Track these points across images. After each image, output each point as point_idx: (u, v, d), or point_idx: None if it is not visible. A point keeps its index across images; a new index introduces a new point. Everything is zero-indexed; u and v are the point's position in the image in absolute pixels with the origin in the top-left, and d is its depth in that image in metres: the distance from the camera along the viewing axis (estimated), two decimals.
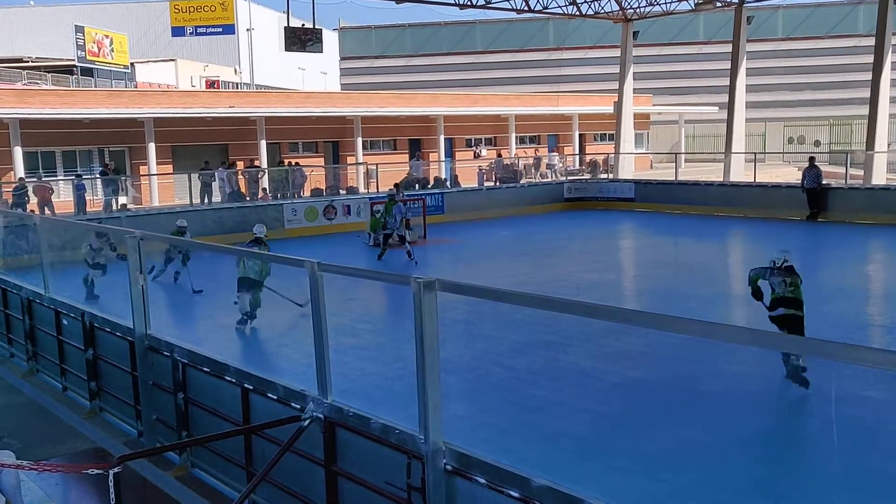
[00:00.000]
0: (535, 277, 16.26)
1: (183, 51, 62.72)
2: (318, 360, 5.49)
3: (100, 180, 27.55)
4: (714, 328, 3.72)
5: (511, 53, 74.04)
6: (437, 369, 4.52)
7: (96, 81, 48.24)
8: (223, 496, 6.64)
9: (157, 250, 15.87)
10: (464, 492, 4.56)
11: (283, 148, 38.60)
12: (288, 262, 5.92)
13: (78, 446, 7.99)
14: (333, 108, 39.94)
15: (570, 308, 4.19)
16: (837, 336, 10.83)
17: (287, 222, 23.80)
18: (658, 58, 67.66)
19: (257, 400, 6.28)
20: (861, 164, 31.84)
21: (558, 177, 35.10)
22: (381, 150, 42.11)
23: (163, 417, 7.59)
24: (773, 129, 58.24)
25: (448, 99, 46.30)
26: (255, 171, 30.99)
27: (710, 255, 19.82)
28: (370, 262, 18.46)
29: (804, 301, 9.20)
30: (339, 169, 36.50)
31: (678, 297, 14.24)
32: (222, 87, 56.77)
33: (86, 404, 9.04)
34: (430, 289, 4.47)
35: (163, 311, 11.21)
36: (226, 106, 36.04)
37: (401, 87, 57.86)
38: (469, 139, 46.88)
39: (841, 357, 3.15)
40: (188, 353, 7.13)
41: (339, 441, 5.46)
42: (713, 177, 33.96)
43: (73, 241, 16.52)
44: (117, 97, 34.42)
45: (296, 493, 5.88)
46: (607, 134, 49.96)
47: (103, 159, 32.87)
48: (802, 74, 68.37)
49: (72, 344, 9.35)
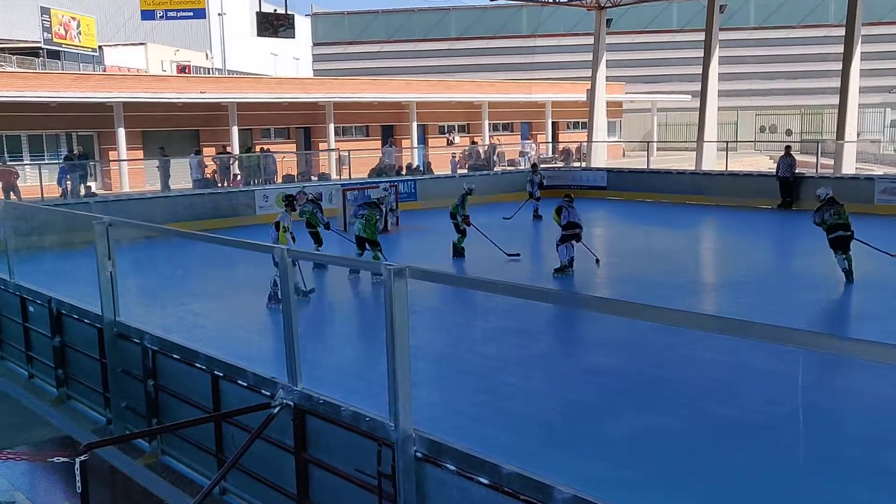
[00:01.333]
0: (507, 265, 16.29)
1: (153, 35, 61.85)
2: (288, 348, 5.47)
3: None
4: (683, 316, 3.75)
5: (484, 40, 74.02)
6: (408, 357, 4.52)
7: (63, 64, 47.43)
8: (193, 483, 6.60)
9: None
10: (434, 478, 4.57)
11: (255, 134, 38.30)
12: (258, 249, 5.87)
13: (44, 434, 7.90)
14: (305, 93, 39.68)
15: (542, 296, 4.19)
16: (808, 324, 10.98)
17: (259, 208, 23.65)
18: (631, 46, 68.00)
19: (227, 387, 6.25)
20: (831, 154, 32.21)
21: (529, 164, 35.09)
22: (354, 137, 41.92)
23: (132, 405, 7.53)
24: (746, 118, 58.74)
25: (421, 85, 46.15)
26: (227, 157, 30.72)
27: (682, 244, 19.96)
28: (342, 249, 18.39)
29: (850, 222, 13.22)
30: (311, 155, 36.30)
31: (649, 284, 14.33)
32: (193, 72, 56.16)
33: (53, 392, 8.94)
34: (401, 276, 4.46)
35: (132, 297, 11.08)
36: (197, 91, 35.66)
37: (374, 74, 57.56)
38: (442, 126, 46.79)
39: (808, 345, 3.18)
40: (158, 340, 7.07)
41: (310, 428, 5.45)
42: (685, 165, 34.20)
43: (39, 227, 16.30)
44: (85, 81, 33.90)
45: (266, 480, 5.87)
46: (580, 122, 50.11)
47: (71, 144, 32.41)
48: (774, 63, 69.10)
49: (38, 331, 9.23)
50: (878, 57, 61.71)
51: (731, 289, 14.24)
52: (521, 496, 4.08)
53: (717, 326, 3.77)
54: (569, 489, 3.90)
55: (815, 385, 8.63)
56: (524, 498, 4.06)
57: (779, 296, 13.28)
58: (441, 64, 70.96)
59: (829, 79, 58.31)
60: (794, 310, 12.09)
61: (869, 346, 2.93)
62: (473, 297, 12.78)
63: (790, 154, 24.55)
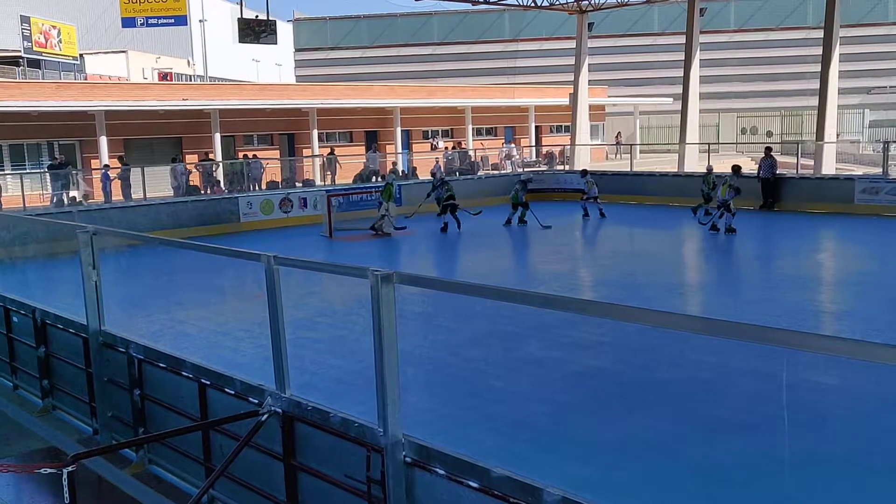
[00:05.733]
0: (493, 269, 16.32)
1: (134, 42, 61.61)
2: (276, 355, 5.46)
3: (49, 174, 27.04)
4: (669, 317, 3.78)
5: (467, 45, 74.15)
6: (396, 362, 4.53)
7: (44, 73, 47.16)
8: (181, 492, 6.57)
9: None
10: (423, 483, 4.58)
11: (238, 140, 38.20)
12: (244, 256, 5.86)
13: (30, 445, 7.84)
14: (288, 99, 39.61)
15: (528, 299, 4.21)
16: (790, 323, 11.06)
17: (243, 215, 23.58)
18: (613, 49, 68.32)
19: (215, 395, 6.23)
20: (812, 154, 32.49)
21: (516, 168, 35.27)
22: (338, 142, 41.87)
23: (119, 414, 7.49)
24: (727, 120, 59.18)
25: (404, 91, 46.18)
26: (210, 164, 30.62)
27: (665, 245, 20.07)
28: (328, 255, 18.39)
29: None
30: (295, 161, 36.24)
31: (634, 286, 14.40)
32: (175, 79, 55.93)
33: (38, 402, 8.88)
34: (388, 281, 4.47)
35: (117, 306, 11.03)
36: (179, 98, 35.52)
37: (357, 79, 57.61)
38: (426, 131, 46.82)
39: (792, 344, 3.22)
40: (144, 349, 7.04)
41: (298, 435, 5.45)
42: (668, 167, 34.38)
43: (22, 237, 16.20)
44: (66, 89, 33.72)
45: (255, 487, 5.85)
46: (563, 126, 50.29)
47: (53, 153, 32.21)
48: (754, 66, 69.58)
49: (22, 341, 9.16)
50: (857, 59, 62.28)
51: (715, 289, 14.33)
52: (510, 499, 4.09)
53: (702, 327, 3.81)
54: (558, 491, 3.92)
55: (799, 384, 8.69)
56: (514, 501, 4.07)
57: (762, 296, 13.37)
58: (424, 69, 71.03)
59: (808, 81, 58.78)
60: (777, 310, 12.18)
61: (852, 344, 2.96)
62: (461, 300, 12.80)
63: (771, 155, 24.75)
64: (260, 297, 5.60)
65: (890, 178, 23.60)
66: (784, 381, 8.43)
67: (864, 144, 48.05)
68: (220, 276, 15.31)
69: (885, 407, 8.11)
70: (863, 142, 49.73)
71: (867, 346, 2.90)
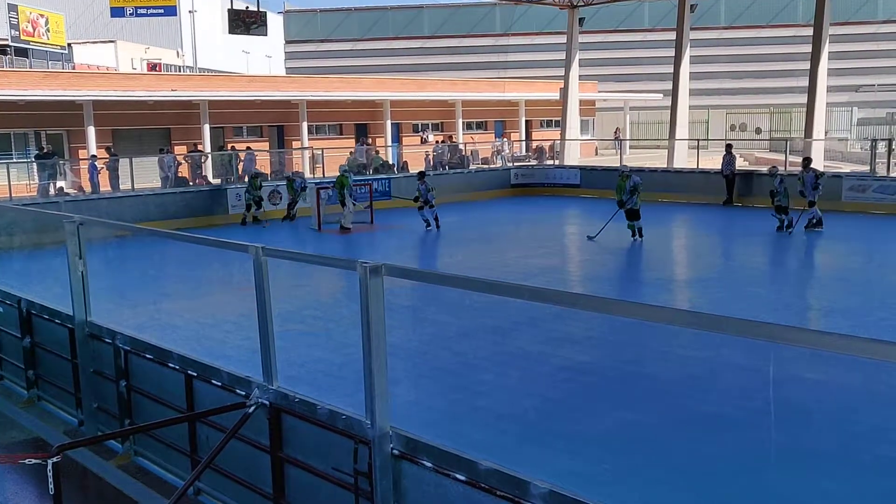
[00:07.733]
0: (482, 263, 16.32)
1: (123, 32, 61.17)
2: (263, 347, 5.44)
3: (35, 164, 26.86)
4: (657, 311, 3.78)
5: (458, 39, 73.99)
6: (384, 354, 4.52)
7: (32, 62, 46.77)
8: (167, 484, 6.55)
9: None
10: (411, 476, 4.57)
11: (227, 132, 38.01)
12: (232, 248, 5.83)
13: (15, 437, 7.79)
14: (278, 91, 39.44)
15: (517, 292, 4.21)
16: (776, 320, 11.10)
17: (231, 207, 23.50)
18: (603, 45, 68.29)
19: (201, 387, 6.20)
20: (800, 152, 32.58)
21: (506, 163, 35.27)
22: (327, 135, 41.74)
23: (104, 406, 7.46)
24: (716, 117, 59.22)
25: (394, 84, 46.04)
26: (198, 155, 30.47)
27: (654, 241, 20.08)
28: (316, 248, 18.34)
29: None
30: (285, 153, 36.10)
31: (622, 281, 14.43)
32: (164, 69, 55.59)
33: (23, 393, 8.83)
34: (377, 273, 4.46)
35: (104, 297, 10.96)
36: (168, 89, 35.31)
37: (347, 72, 57.36)
38: (416, 124, 46.73)
39: (780, 339, 3.22)
40: (130, 340, 7.00)
41: (286, 427, 5.43)
42: (657, 163, 34.44)
43: (8, 227, 16.08)
44: (54, 78, 33.44)
45: (241, 479, 5.83)
46: (553, 120, 50.28)
47: (40, 143, 31.97)
48: (744, 63, 69.70)
49: (8, 332, 9.11)
50: (846, 56, 62.47)
51: (703, 284, 14.37)
52: (497, 492, 4.10)
53: (690, 321, 3.81)
54: (545, 484, 3.92)
55: (786, 379, 8.73)
56: (501, 494, 4.08)
57: (748, 290, 13.42)
58: (414, 62, 70.82)
59: (797, 78, 58.98)
60: (763, 305, 12.22)
61: (839, 339, 2.97)
62: (450, 294, 12.79)
63: (731, 152, 25.48)
64: (246, 290, 5.57)
65: (877, 175, 23.73)
66: (771, 376, 8.47)
67: (852, 142, 48.20)
68: (208, 268, 15.25)
69: (870, 402, 8.16)
70: (851, 139, 49.90)
71: (854, 340, 2.91)
